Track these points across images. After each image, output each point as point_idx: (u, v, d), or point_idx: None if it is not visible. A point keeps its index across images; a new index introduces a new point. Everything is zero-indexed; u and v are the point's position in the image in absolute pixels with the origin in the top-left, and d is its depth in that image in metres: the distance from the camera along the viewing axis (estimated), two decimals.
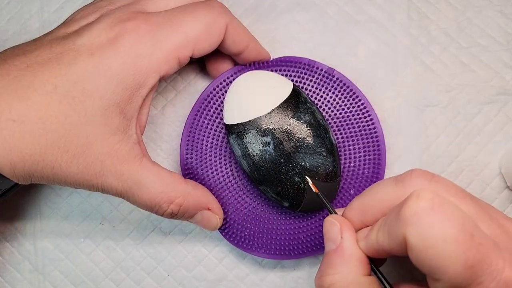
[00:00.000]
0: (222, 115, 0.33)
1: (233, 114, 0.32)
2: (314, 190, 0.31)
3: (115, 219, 0.37)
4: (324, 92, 0.35)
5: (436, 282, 0.23)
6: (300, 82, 0.35)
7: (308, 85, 0.35)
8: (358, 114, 0.34)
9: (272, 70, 0.34)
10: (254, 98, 0.32)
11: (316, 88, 0.35)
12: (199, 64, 0.37)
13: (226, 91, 0.34)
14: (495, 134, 0.36)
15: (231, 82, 0.34)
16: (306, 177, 0.31)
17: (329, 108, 0.35)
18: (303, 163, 0.32)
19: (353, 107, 0.34)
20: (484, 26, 0.37)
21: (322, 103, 0.35)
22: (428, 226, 0.22)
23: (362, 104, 0.34)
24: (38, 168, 0.28)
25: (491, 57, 0.36)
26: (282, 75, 0.35)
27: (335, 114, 0.34)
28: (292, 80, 0.35)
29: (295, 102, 0.32)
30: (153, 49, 0.29)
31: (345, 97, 0.34)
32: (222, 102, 0.34)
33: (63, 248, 0.37)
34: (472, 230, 0.22)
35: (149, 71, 0.29)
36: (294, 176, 0.32)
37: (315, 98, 0.35)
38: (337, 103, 0.34)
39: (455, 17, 0.37)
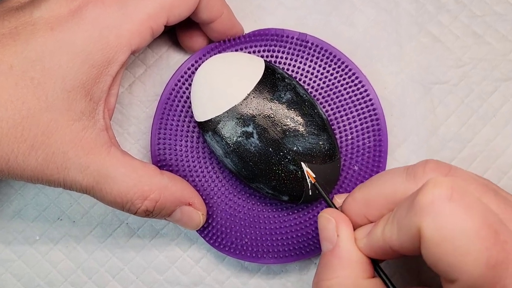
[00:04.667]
0: (191, 111, 0.32)
1: (204, 108, 0.31)
2: (311, 179, 0.30)
3: (75, 213, 0.35)
4: (301, 62, 0.33)
5: (451, 283, 0.22)
6: (272, 56, 0.33)
7: (282, 57, 0.33)
8: (344, 79, 0.33)
9: (240, 49, 0.33)
10: (224, 86, 0.31)
11: (291, 60, 0.33)
12: (172, 34, 0.35)
13: None
14: None
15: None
16: (302, 163, 0.30)
17: (311, 79, 0.33)
18: (295, 148, 0.30)
19: (337, 72, 0.33)
20: None
21: (301, 74, 0.33)
22: (447, 216, 0.21)
23: (347, 67, 0.33)
24: None
25: (509, 27, 0.35)
26: (253, 52, 0.33)
27: (318, 85, 0.33)
28: (263, 56, 0.33)
29: (271, 81, 0.31)
30: (122, 20, 0.28)
31: (326, 63, 0.33)
32: None
33: (16, 248, 0.35)
34: (496, 226, 0.21)
35: (119, 45, 0.28)
36: (288, 164, 0.30)
37: (293, 71, 0.33)
38: (318, 71, 0.33)
39: None
